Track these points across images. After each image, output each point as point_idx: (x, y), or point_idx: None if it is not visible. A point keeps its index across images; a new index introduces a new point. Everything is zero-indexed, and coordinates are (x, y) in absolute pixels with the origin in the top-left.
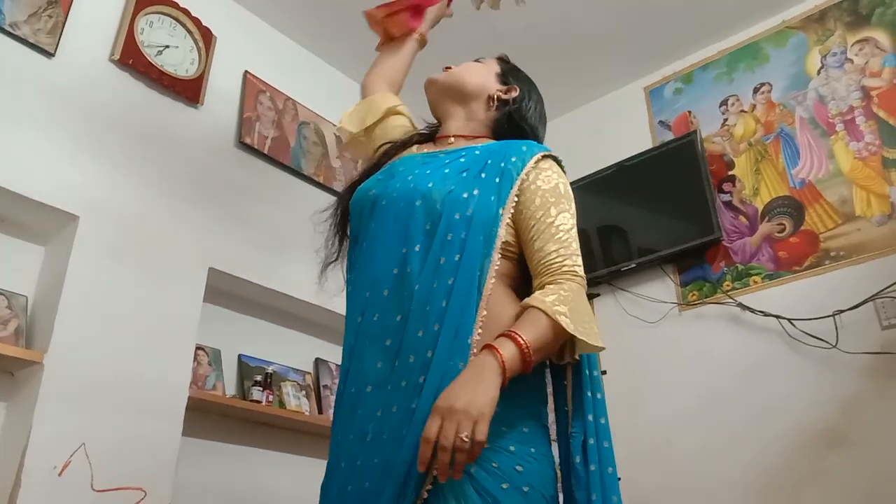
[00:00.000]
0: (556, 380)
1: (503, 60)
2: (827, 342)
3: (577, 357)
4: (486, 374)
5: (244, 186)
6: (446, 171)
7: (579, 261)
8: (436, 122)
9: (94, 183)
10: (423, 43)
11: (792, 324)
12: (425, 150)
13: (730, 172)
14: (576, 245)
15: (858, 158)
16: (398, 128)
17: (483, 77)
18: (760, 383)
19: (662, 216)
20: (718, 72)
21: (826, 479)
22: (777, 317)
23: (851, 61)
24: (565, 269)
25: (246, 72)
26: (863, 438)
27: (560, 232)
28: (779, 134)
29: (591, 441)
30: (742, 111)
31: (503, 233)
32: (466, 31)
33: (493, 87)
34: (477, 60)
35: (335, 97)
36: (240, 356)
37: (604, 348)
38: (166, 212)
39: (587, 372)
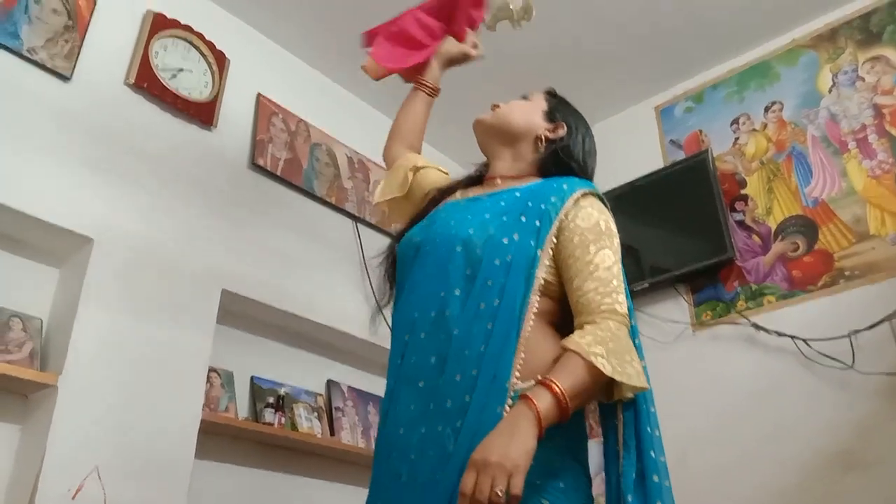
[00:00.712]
0: (607, 417)
1: (550, 95)
2: (843, 363)
3: (627, 395)
4: (522, 425)
5: (257, 208)
6: (487, 215)
7: (620, 297)
8: (485, 162)
9: (108, 206)
10: (436, 94)
11: (807, 344)
12: (470, 194)
13: (742, 191)
14: (617, 282)
15: (872, 177)
16: (428, 178)
17: (529, 117)
18: (775, 404)
19: (675, 236)
20: (729, 91)
21: (841, 502)
22: (792, 337)
23: (863, 79)
24: (604, 307)
25: (259, 94)
26: (879, 460)
27: (599, 269)
28: (791, 153)
29: (655, 479)
30: (753, 130)
31: (542, 274)
32: None
33: (541, 126)
34: (524, 97)
35: (347, 118)
36: (252, 378)
37: (647, 388)
38: (180, 234)
39: (644, 408)
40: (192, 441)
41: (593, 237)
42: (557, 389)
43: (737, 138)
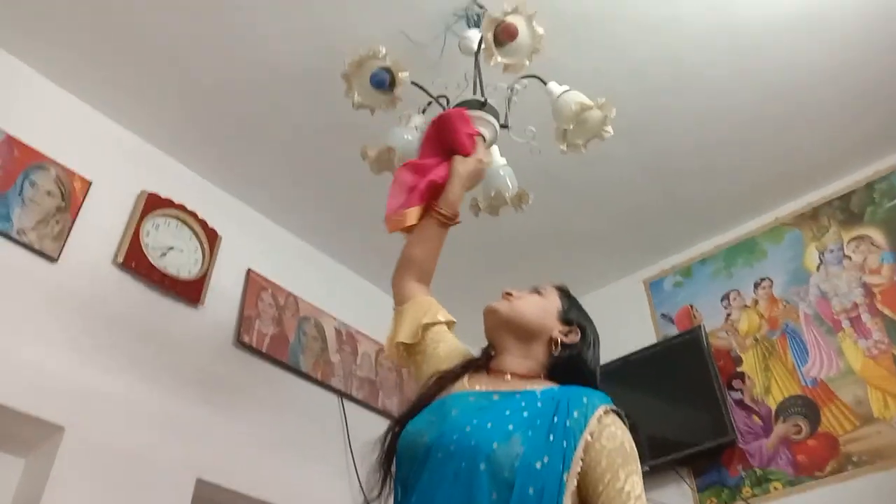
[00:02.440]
0: None
1: (564, 293)
2: None
3: None
4: None
5: (239, 388)
6: (509, 426)
7: None
8: (489, 347)
9: (84, 391)
10: (452, 222)
11: None
12: (477, 387)
13: (738, 369)
14: None
15: (869, 357)
16: (440, 343)
17: (545, 315)
18: None
19: (672, 415)
20: (717, 266)
21: None
22: None
23: (849, 258)
24: None
25: (249, 270)
26: None
27: (631, 498)
28: (784, 330)
29: None
30: (745, 306)
31: (568, 500)
32: (465, 233)
33: (556, 327)
34: (536, 290)
35: (337, 289)
36: None
37: None
38: (155, 421)
39: None
40: None
41: (621, 461)
42: None
43: (729, 314)
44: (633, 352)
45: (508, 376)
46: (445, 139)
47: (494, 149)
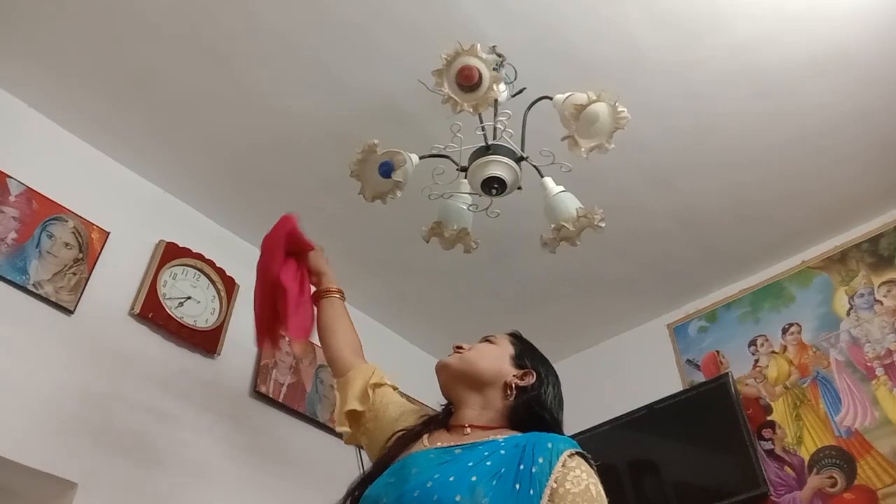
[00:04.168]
0: None
1: (516, 338)
2: None
3: None
4: None
5: (255, 440)
6: (472, 477)
7: None
8: (447, 403)
9: (99, 446)
10: (343, 296)
11: None
12: (438, 444)
13: (768, 418)
14: None
15: None
16: (389, 405)
17: (497, 362)
18: None
19: (701, 465)
20: (743, 311)
21: None
22: None
23: (881, 303)
24: None
25: None
26: None
27: None
28: (815, 378)
29: None
30: (773, 352)
31: None
32: (486, 275)
33: (509, 372)
34: (487, 339)
35: None
36: None
37: None
38: (169, 475)
39: None
40: None
41: None
42: None
43: (756, 360)
44: (659, 399)
45: (468, 429)
46: (289, 246)
47: (548, 180)
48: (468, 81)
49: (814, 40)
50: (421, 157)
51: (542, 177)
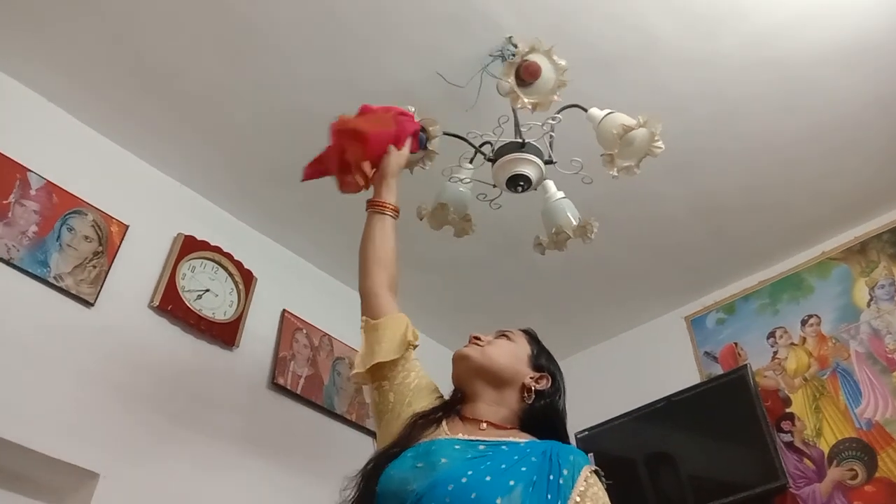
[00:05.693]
0: None
1: (531, 337)
2: None
3: None
4: None
5: (273, 431)
6: (510, 481)
7: None
8: (458, 391)
9: (120, 437)
10: (397, 215)
11: None
12: (460, 435)
13: (787, 410)
14: None
15: None
16: (411, 373)
17: (516, 361)
18: None
19: (719, 458)
20: (761, 302)
21: None
22: None
23: None
24: None
25: (284, 310)
26: None
27: None
28: (835, 369)
29: None
30: (792, 344)
31: None
32: (503, 268)
33: (526, 374)
34: (504, 334)
35: None
36: None
37: None
38: (189, 467)
39: None
40: None
41: None
42: None
43: (775, 352)
44: (677, 392)
45: (484, 425)
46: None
47: (550, 183)
48: (532, 77)
49: (834, 30)
50: (445, 133)
51: (544, 180)
